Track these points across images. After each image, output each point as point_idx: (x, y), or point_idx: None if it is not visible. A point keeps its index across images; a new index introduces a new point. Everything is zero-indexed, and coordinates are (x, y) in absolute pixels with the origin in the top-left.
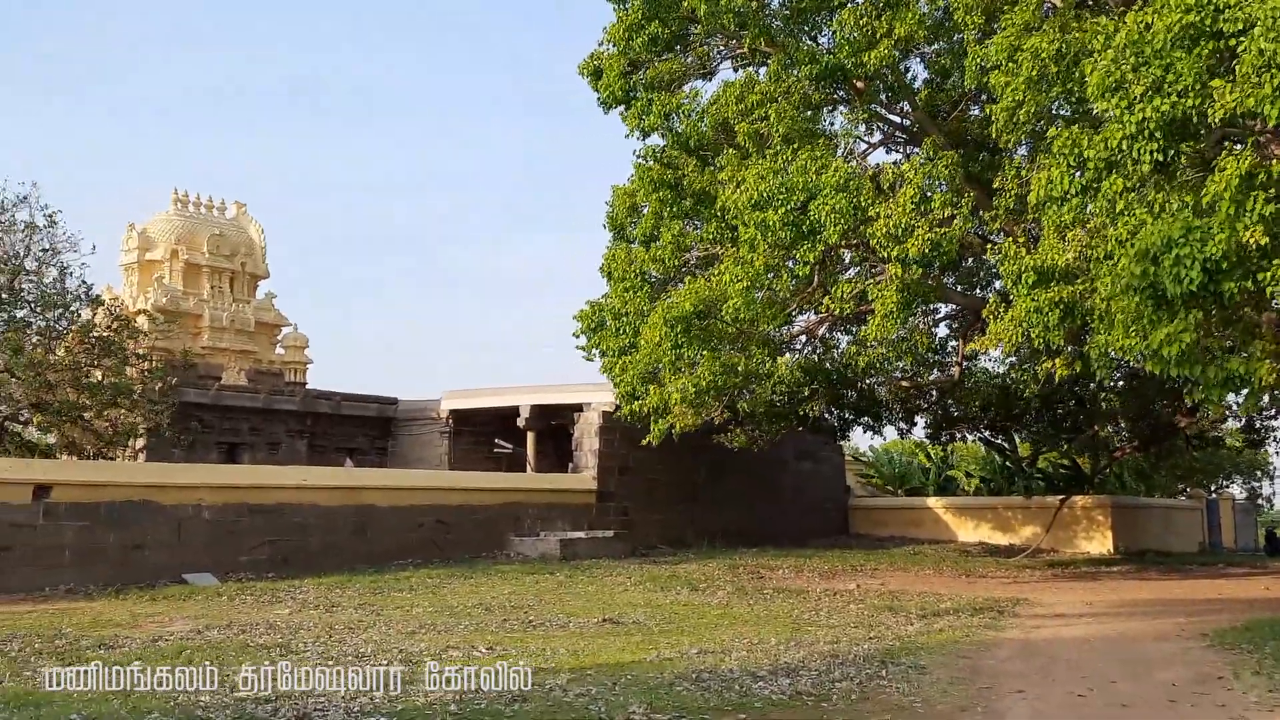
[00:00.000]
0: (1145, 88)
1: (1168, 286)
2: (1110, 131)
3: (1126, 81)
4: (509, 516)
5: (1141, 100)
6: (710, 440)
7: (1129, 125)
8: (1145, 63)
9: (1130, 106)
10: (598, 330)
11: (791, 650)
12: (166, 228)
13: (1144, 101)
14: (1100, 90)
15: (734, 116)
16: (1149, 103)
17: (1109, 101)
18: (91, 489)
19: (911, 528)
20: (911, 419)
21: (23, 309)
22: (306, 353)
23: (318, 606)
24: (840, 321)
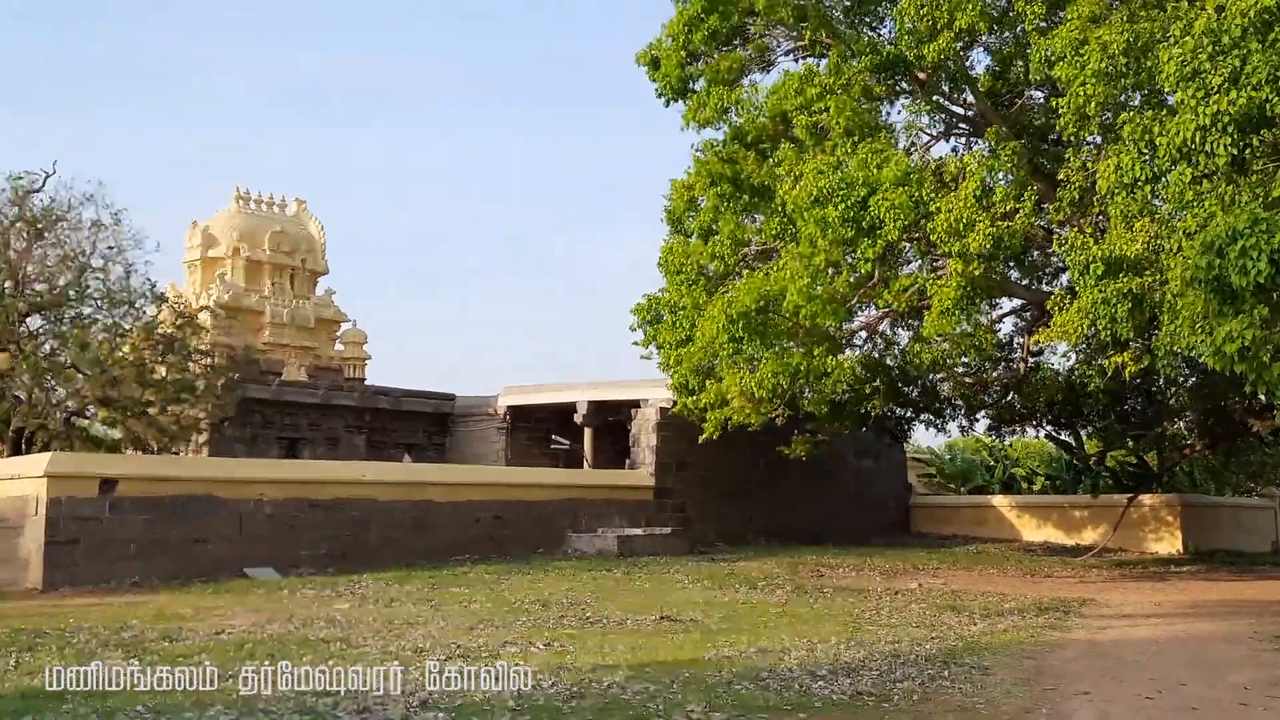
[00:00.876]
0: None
1: (1233, 279)
2: (1184, 121)
3: (1203, 71)
4: (566, 513)
5: (1218, 92)
6: (769, 437)
7: (1203, 116)
8: (1222, 52)
9: (1206, 97)
10: (654, 324)
11: (852, 650)
12: (228, 225)
13: (1220, 94)
14: (1176, 79)
15: (793, 109)
16: (1225, 95)
17: (1185, 91)
18: (156, 483)
19: (975, 526)
20: (975, 416)
21: (89, 306)
22: (365, 349)
23: (376, 601)
24: (901, 317)
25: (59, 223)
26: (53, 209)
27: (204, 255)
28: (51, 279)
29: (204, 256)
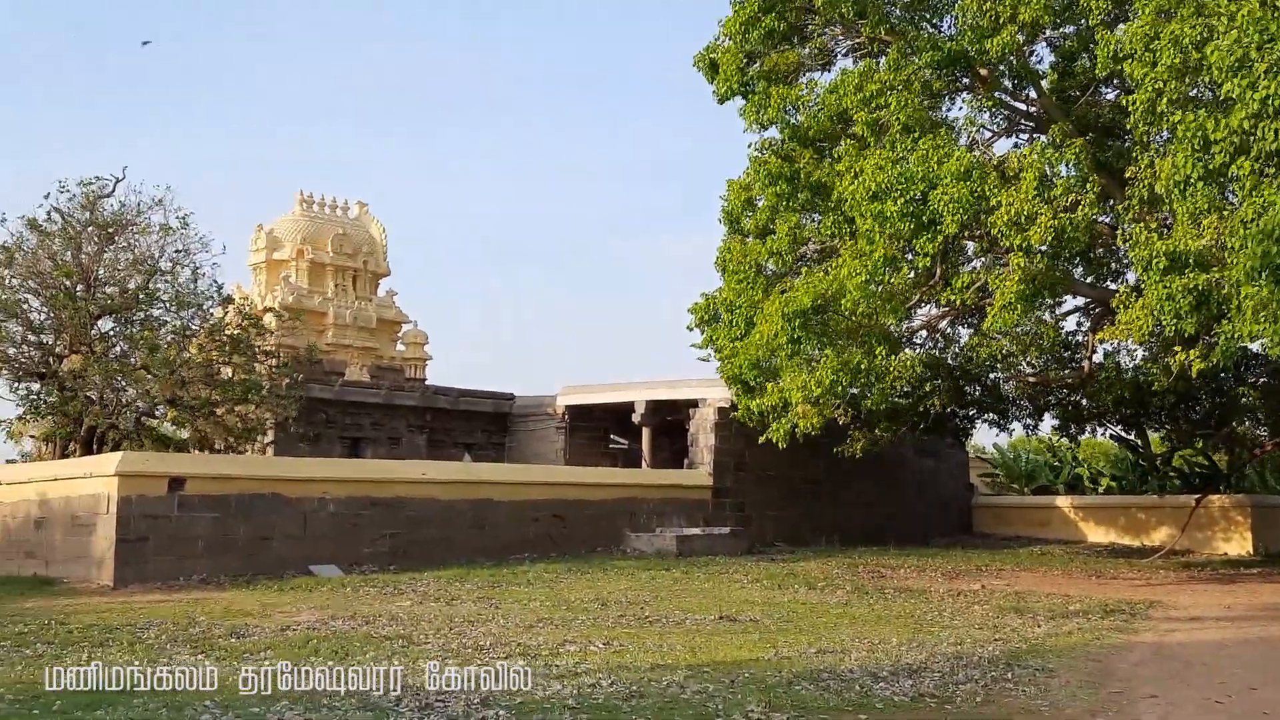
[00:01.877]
0: (1269, 64)
1: None
2: (1235, 113)
3: (1250, 60)
4: (624, 512)
5: (1265, 77)
6: (829, 437)
7: (1252, 104)
8: (1271, 40)
9: (1254, 85)
10: (711, 323)
11: (913, 651)
12: (292, 228)
13: (1268, 78)
14: (1224, 71)
15: (852, 106)
16: (1273, 79)
17: (1232, 82)
18: (222, 482)
19: (1038, 527)
20: (1039, 415)
21: (158, 308)
22: (426, 349)
23: (438, 599)
24: (962, 314)
25: (129, 227)
26: (123, 214)
27: (269, 258)
28: (122, 282)
29: (269, 259)
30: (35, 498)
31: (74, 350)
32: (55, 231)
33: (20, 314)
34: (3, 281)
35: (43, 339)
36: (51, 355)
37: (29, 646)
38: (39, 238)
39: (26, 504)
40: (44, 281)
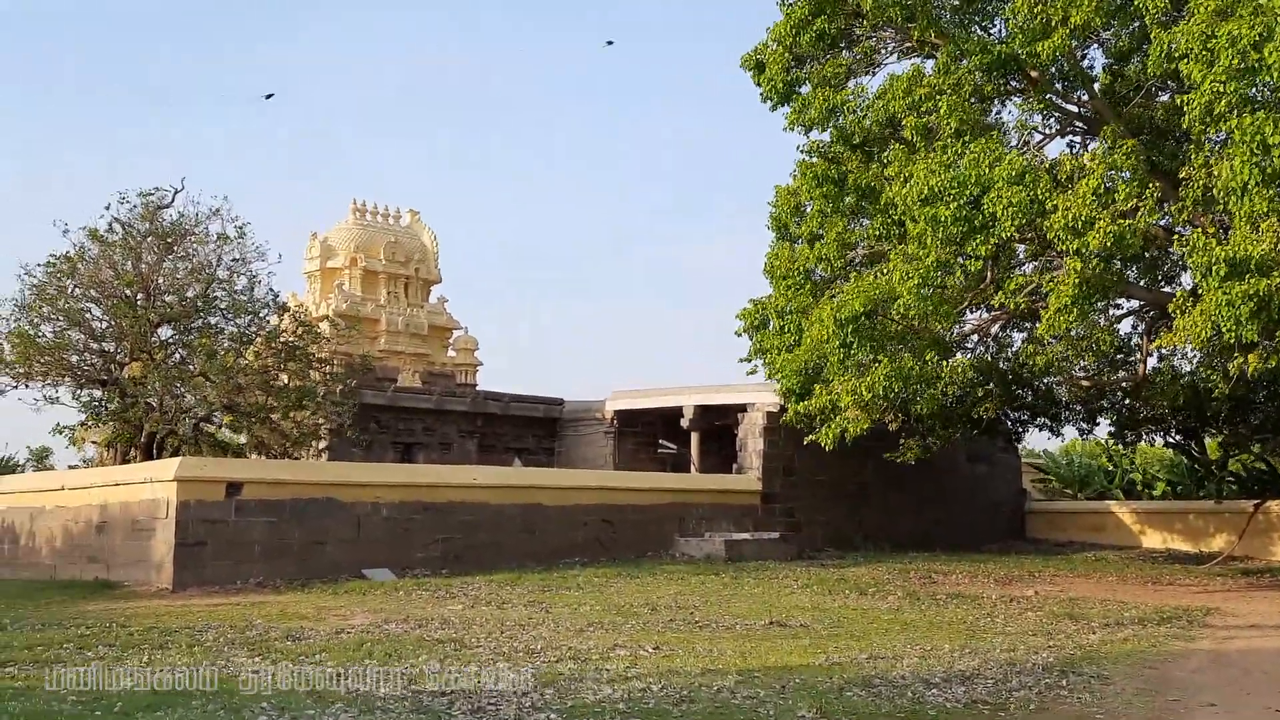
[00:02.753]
0: None
1: None
2: None
3: None
4: (674, 517)
5: None
6: (879, 441)
7: None
8: None
9: None
10: (760, 329)
11: (966, 657)
12: (346, 236)
13: None
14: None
15: (901, 110)
16: None
17: None
18: (279, 487)
19: (1093, 533)
20: (1093, 420)
21: (215, 316)
22: (476, 355)
23: (489, 603)
24: (1014, 319)
25: (187, 237)
26: (181, 223)
27: (323, 266)
28: (181, 291)
29: (323, 267)
30: (97, 503)
31: (134, 358)
32: (116, 241)
33: (83, 323)
34: (66, 291)
35: (104, 347)
36: (113, 363)
37: (91, 649)
38: (100, 248)
39: (89, 509)
40: (105, 291)
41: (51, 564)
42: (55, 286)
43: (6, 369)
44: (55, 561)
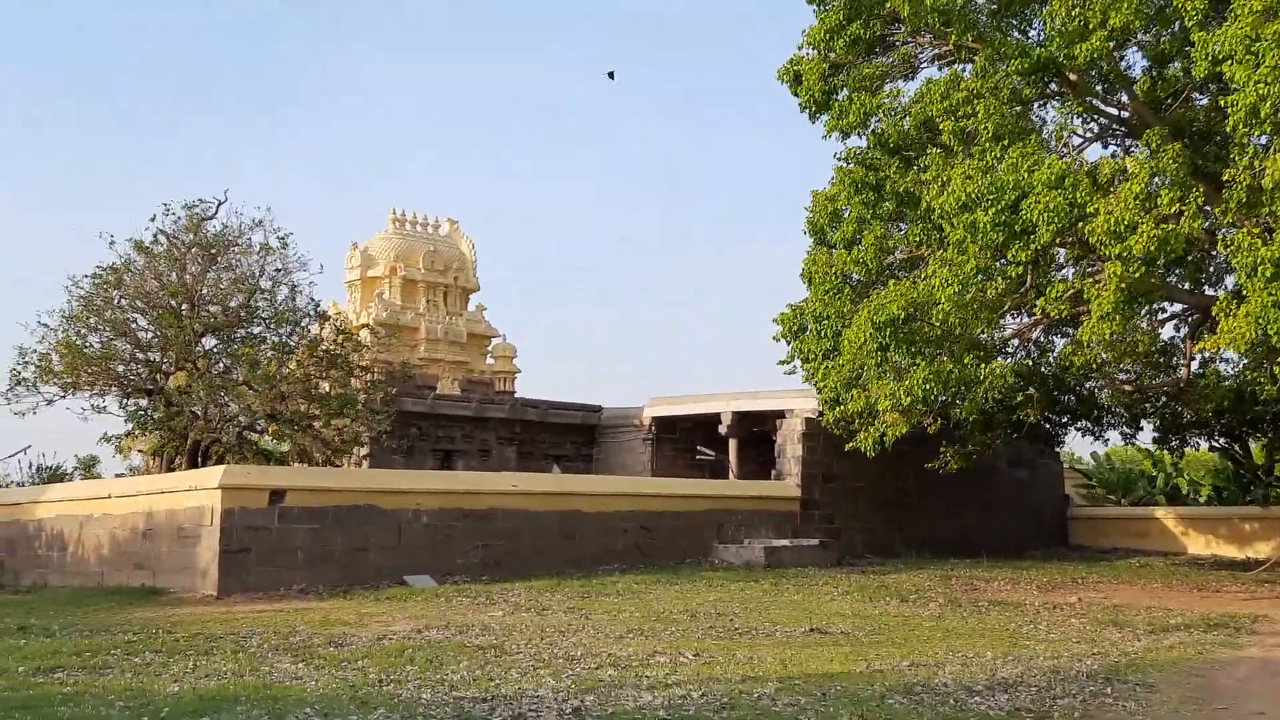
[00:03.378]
0: None
1: None
2: None
3: None
4: (712, 523)
5: None
6: (919, 447)
7: None
8: None
9: None
10: (798, 334)
11: (1009, 665)
12: (385, 246)
13: None
14: None
15: (939, 115)
16: None
17: None
18: (321, 494)
19: (1136, 539)
20: (1136, 424)
21: (258, 326)
22: (514, 362)
23: (529, 609)
24: (1055, 323)
25: (231, 247)
26: (224, 235)
27: (363, 275)
28: (224, 301)
29: (363, 276)
30: (143, 510)
31: (179, 367)
32: (161, 253)
33: (129, 333)
34: (113, 302)
35: (150, 356)
36: (158, 372)
37: (138, 655)
38: (146, 259)
39: (135, 516)
40: (151, 301)
41: (99, 571)
42: (102, 298)
43: (55, 379)
44: (103, 568)
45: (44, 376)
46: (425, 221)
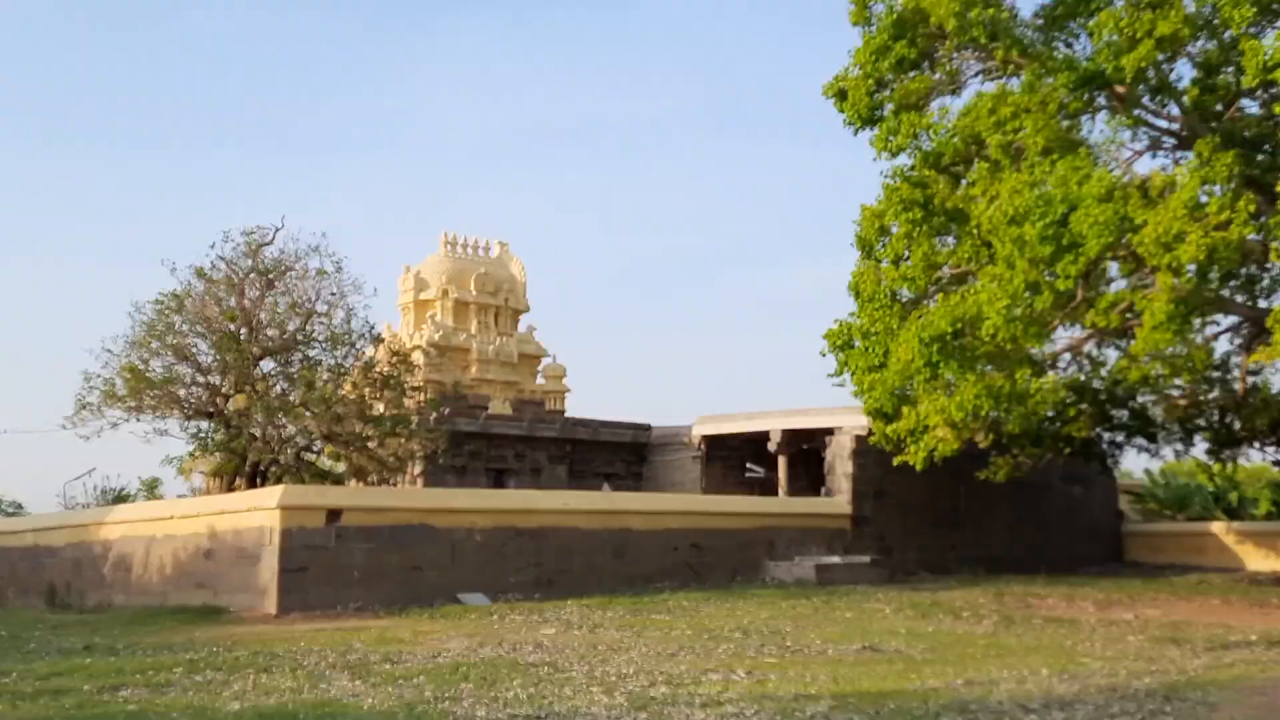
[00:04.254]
0: None
1: None
2: None
3: None
4: (763, 541)
5: None
6: (970, 463)
7: None
8: None
9: None
10: (846, 349)
11: (1065, 683)
12: (437, 269)
13: None
14: None
15: (986, 130)
16: None
17: None
18: (376, 513)
19: (1193, 555)
20: (1190, 438)
21: (314, 348)
22: (565, 382)
23: (581, 627)
24: (1108, 337)
25: (287, 272)
26: (282, 260)
27: (416, 298)
28: (282, 325)
29: (416, 299)
30: (204, 530)
31: (238, 390)
32: (220, 279)
33: (190, 357)
34: (174, 327)
35: (210, 380)
36: (218, 395)
37: (200, 673)
38: (206, 285)
39: (196, 536)
40: (211, 326)
41: (162, 590)
42: (164, 323)
43: (119, 403)
44: (165, 588)
45: (108, 401)
46: (476, 244)
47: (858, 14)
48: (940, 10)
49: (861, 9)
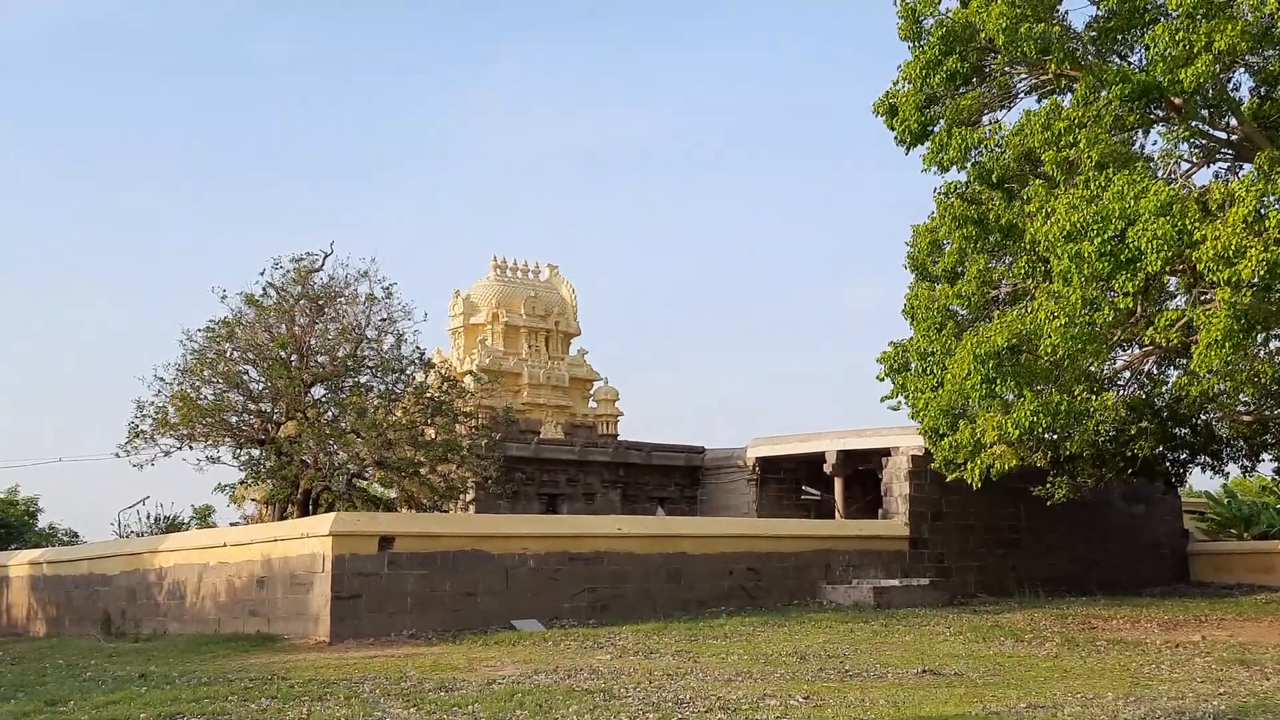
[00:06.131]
0: None
1: None
2: None
3: None
4: (819, 564)
5: None
6: (1029, 485)
7: None
8: None
9: None
10: (901, 371)
11: (1131, 706)
12: (487, 293)
13: None
14: None
15: (1040, 145)
16: None
17: None
18: (428, 539)
19: (1262, 574)
20: (1256, 456)
21: (365, 374)
22: (617, 405)
23: (636, 653)
24: (1168, 354)
25: (337, 298)
26: (331, 286)
27: (466, 322)
28: (332, 351)
29: (466, 323)
30: (258, 558)
31: (290, 417)
32: (270, 306)
33: (241, 384)
34: (225, 355)
35: (261, 407)
36: (270, 422)
37: (254, 701)
38: (256, 312)
39: (250, 564)
40: (261, 353)
41: (216, 618)
42: (215, 350)
43: (171, 431)
44: (219, 615)
45: (161, 429)
46: (525, 268)
47: (907, 28)
48: (990, 24)
49: (911, 23)
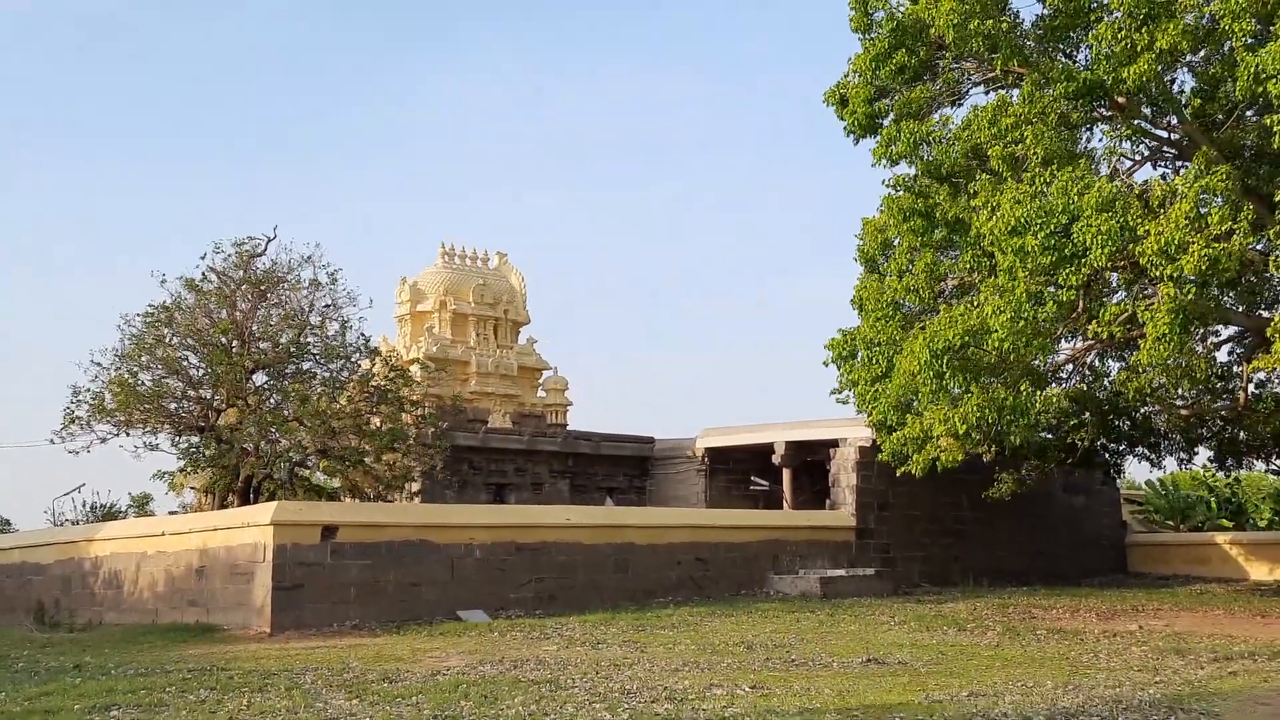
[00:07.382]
0: None
1: None
2: None
3: None
4: (767, 554)
5: None
6: (973, 475)
7: None
8: None
9: None
10: (848, 360)
11: (1069, 694)
12: (435, 280)
13: None
14: None
15: (987, 140)
16: None
17: None
18: (373, 529)
19: (1197, 565)
20: (1192, 449)
21: (308, 361)
22: (566, 395)
23: (583, 643)
24: (1110, 348)
25: (280, 284)
26: (274, 271)
27: (413, 310)
28: (274, 337)
29: (413, 311)
30: (196, 547)
31: (230, 404)
32: (211, 291)
33: (180, 370)
34: (164, 340)
35: (201, 394)
36: (210, 409)
37: (193, 692)
38: (196, 297)
39: (188, 554)
40: (201, 339)
41: (154, 608)
42: (154, 336)
43: (108, 417)
44: (157, 605)
45: (97, 415)
46: (474, 255)
47: (858, 20)
48: (940, 20)
49: (862, 15)
